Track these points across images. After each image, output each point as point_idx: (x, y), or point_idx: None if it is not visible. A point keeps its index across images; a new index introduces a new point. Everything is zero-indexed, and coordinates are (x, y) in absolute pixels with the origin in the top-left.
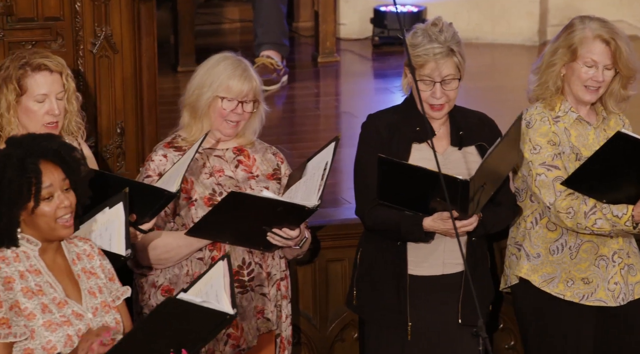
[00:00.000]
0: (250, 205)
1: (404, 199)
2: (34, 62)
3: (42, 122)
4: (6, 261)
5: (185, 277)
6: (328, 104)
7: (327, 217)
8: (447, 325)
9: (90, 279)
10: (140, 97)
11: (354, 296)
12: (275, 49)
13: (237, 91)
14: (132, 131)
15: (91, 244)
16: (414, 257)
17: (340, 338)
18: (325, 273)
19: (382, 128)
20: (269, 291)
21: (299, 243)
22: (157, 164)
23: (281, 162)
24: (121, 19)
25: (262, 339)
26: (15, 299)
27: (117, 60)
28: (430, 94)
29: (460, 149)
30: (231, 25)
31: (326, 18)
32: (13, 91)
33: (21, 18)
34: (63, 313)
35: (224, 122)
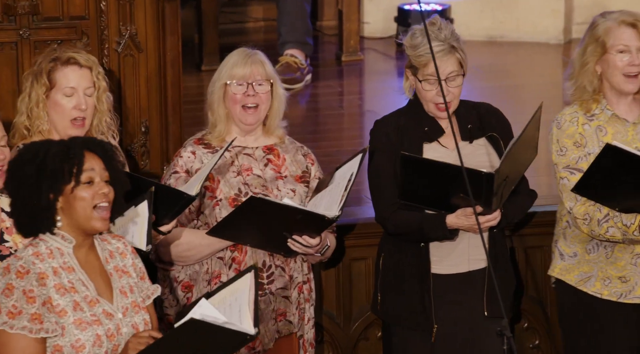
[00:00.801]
0: (270, 211)
1: (426, 197)
2: (63, 56)
3: (69, 117)
4: (40, 257)
5: (205, 275)
6: (352, 103)
7: (351, 216)
8: (473, 321)
9: (122, 278)
10: (164, 96)
11: (379, 301)
12: (299, 48)
13: (241, 74)
14: (156, 129)
15: (124, 242)
16: (438, 257)
17: (364, 336)
18: (349, 271)
19: (391, 132)
20: (291, 293)
21: (321, 251)
22: (185, 160)
23: (312, 164)
24: (146, 18)
25: (282, 341)
26: (48, 295)
27: (141, 59)
28: (435, 93)
29: (471, 142)
30: (255, 24)
31: (350, 17)
32: (43, 85)
33: (47, 17)
34: (94, 311)
35: (242, 109)
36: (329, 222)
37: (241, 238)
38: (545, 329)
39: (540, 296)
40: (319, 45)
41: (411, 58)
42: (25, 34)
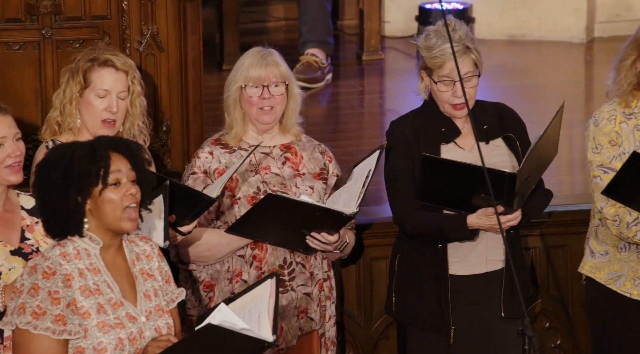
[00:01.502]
0: (288, 208)
1: (445, 197)
2: (101, 57)
3: (100, 118)
4: (67, 257)
5: (226, 273)
6: (372, 102)
7: (371, 215)
8: (490, 322)
9: (147, 281)
10: (185, 95)
11: (393, 302)
12: (320, 47)
13: (257, 76)
14: (177, 129)
15: (152, 244)
16: (455, 257)
17: (384, 336)
18: (370, 271)
19: (408, 132)
20: (312, 290)
21: (339, 247)
22: (202, 161)
23: (329, 162)
24: (167, 18)
25: (304, 339)
26: (73, 297)
27: (162, 58)
28: (451, 93)
29: (487, 143)
30: (276, 24)
31: (371, 16)
32: (78, 83)
33: (69, 17)
34: (117, 314)
35: (258, 111)
36: (347, 219)
37: (260, 236)
38: (567, 329)
39: (562, 295)
40: (339, 45)
41: (426, 59)
42: (48, 34)
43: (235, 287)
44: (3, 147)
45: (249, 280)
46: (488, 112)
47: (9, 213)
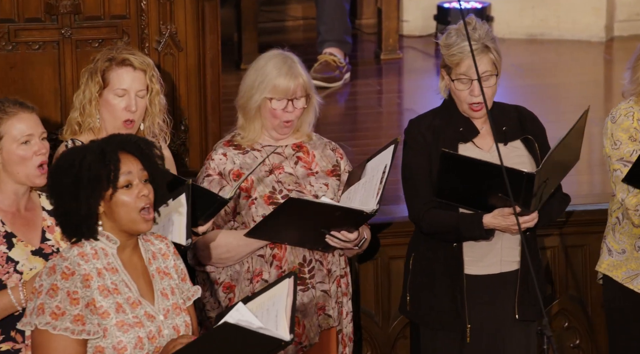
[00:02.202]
0: (308, 210)
1: (462, 195)
2: (119, 57)
3: (120, 118)
4: (85, 257)
5: (246, 273)
6: (390, 101)
7: (389, 215)
8: (504, 322)
9: (163, 280)
10: (203, 95)
11: (407, 302)
12: (338, 46)
13: (284, 90)
14: (195, 128)
15: (167, 243)
16: (470, 257)
17: (402, 335)
18: (387, 270)
19: (426, 131)
20: (330, 287)
21: (358, 244)
22: (217, 163)
23: (340, 158)
24: (186, 17)
25: (323, 335)
26: (92, 297)
27: (181, 58)
28: (468, 92)
29: (505, 144)
30: (294, 23)
31: (389, 15)
32: (97, 83)
33: (88, 16)
34: (136, 313)
35: (278, 122)
36: (367, 217)
37: (279, 237)
38: (585, 329)
39: (581, 295)
40: (357, 44)
41: (445, 57)
42: (67, 33)
43: (255, 287)
44: (29, 144)
45: (270, 280)
46: (508, 114)
47: (30, 213)
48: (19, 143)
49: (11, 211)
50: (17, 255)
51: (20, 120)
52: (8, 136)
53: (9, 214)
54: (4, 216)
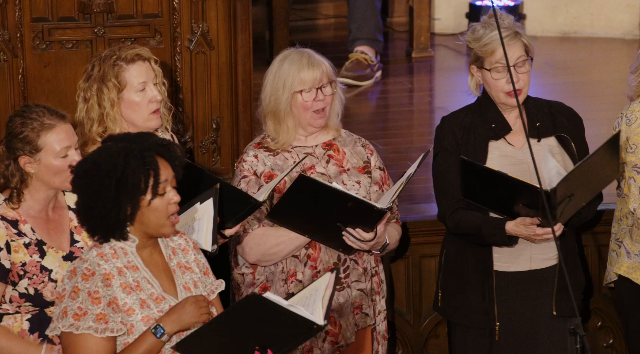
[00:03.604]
0: (320, 193)
1: (488, 199)
2: (127, 55)
3: (147, 111)
4: (105, 257)
5: (281, 274)
6: (422, 100)
7: (420, 213)
8: (537, 320)
9: (185, 274)
10: (235, 93)
11: (439, 298)
12: (369, 45)
13: (311, 79)
14: (227, 126)
15: (186, 238)
16: (501, 254)
17: (434, 334)
18: (419, 268)
19: (457, 129)
20: (366, 286)
21: (378, 248)
22: (249, 164)
23: (371, 154)
24: (217, 16)
25: (359, 334)
26: (114, 295)
27: (213, 56)
28: (505, 80)
29: (539, 141)
30: (325, 21)
31: (421, 13)
32: (114, 87)
33: (121, 15)
34: (160, 308)
35: (311, 114)
36: (378, 214)
37: (299, 226)
38: (619, 328)
39: (614, 294)
40: (389, 42)
41: (476, 50)
42: (100, 32)
43: (290, 287)
44: (68, 157)
45: (304, 280)
46: (542, 109)
47: (57, 215)
48: (60, 156)
49: (41, 217)
50: (50, 263)
51: (59, 133)
52: (48, 148)
53: (39, 220)
54: (34, 223)
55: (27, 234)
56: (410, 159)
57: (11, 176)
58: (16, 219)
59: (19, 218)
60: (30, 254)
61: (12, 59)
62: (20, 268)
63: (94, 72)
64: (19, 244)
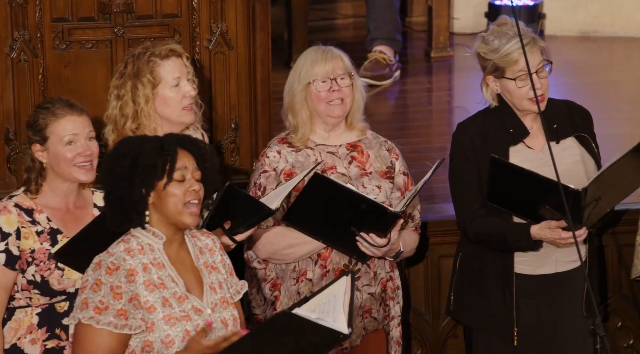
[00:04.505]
0: (334, 194)
1: (513, 203)
2: (161, 51)
3: (180, 106)
4: (131, 253)
5: (292, 272)
6: (441, 99)
7: (439, 213)
8: (562, 322)
9: (211, 274)
10: (254, 93)
11: (451, 301)
12: (388, 44)
13: (324, 71)
14: (246, 126)
15: (213, 238)
16: (525, 257)
17: (452, 334)
18: (438, 268)
19: (474, 135)
20: (375, 290)
21: (392, 255)
22: (271, 159)
23: (396, 159)
24: (236, 15)
25: (369, 337)
26: (136, 292)
27: (232, 56)
28: (529, 87)
29: (557, 142)
30: (344, 21)
31: (440, 12)
32: (148, 83)
33: (140, 15)
34: (183, 307)
35: (327, 105)
36: (392, 217)
37: (313, 229)
38: (639, 328)
39: (634, 294)
40: (407, 42)
41: (495, 61)
42: (120, 32)
43: (300, 286)
44: (75, 145)
45: (314, 279)
46: (558, 110)
47: (80, 211)
48: (64, 143)
49: (60, 208)
50: None
51: (67, 121)
52: (54, 136)
53: (57, 211)
54: (51, 214)
55: (41, 222)
56: (429, 159)
57: (31, 167)
58: (32, 208)
59: (35, 207)
60: (40, 241)
61: (33, 59)
62: (29, 254)
63: (127, 70)
64: (30, 231)
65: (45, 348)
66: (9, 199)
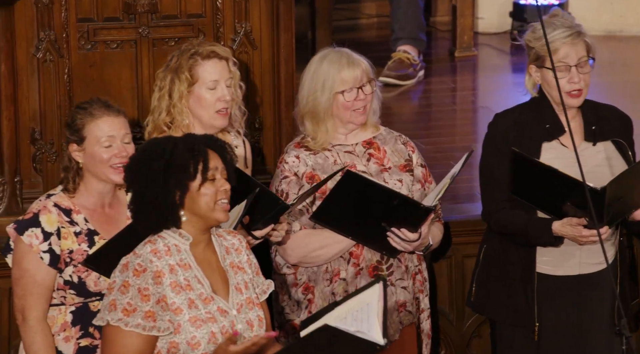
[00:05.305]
0: (366, 191)
1: (536, 197)
2: (204, 51)
3: (214, 109)
4: (158, 254)
5: (325, 274)
6: (465, 99)
7: (463, 213)
8: (588, 323)
9: (237, 275)
10: (277, 93)
11: (472, 293)
12: (412, 44)
13: (352, 79)
14: (269, 126)
15: (239, 238)
16: (548, 257)
17: (477, 334)
18: (461, 268)
19: (510, 128)
20: (408, 284)
21: (422, 249)
22: (290, 165)
23: (412, 152)
24: (260, 15)
25: (405, 331)
26: (163, 293)
27: (255, 55)
28: (567, 80)
29: (594, 144)
30: (368, 21)
31: (464, 12)
32: (185, 80)
33: (165, 15)
34: (208, 309)
35: (352, 113)
36: (424, 212)
37: (343, 226)
38: None
39: None
40: (432, 41)
41: (538, 49)
42: (145, 32)
43: (334, 287)
44: (111, 147)
45: (347, 278)
46: (598, 112)
47: (114, 211)
48: (101, 144)
49: (95, 209)
50: None
51: (104, 122)
52: (91, 137)
53: (94, 212)
54: (88, 214)
55: (79, 223)
56: (453, 159)
57: (69, 167)
58: (70, 208)
59: (73, 208)
60: (78, 242)
61: (58, 59)
62: (68, 255)
63: (171, 63)
64: (69, 231)
65: (78, 346)
66: (47, 198)
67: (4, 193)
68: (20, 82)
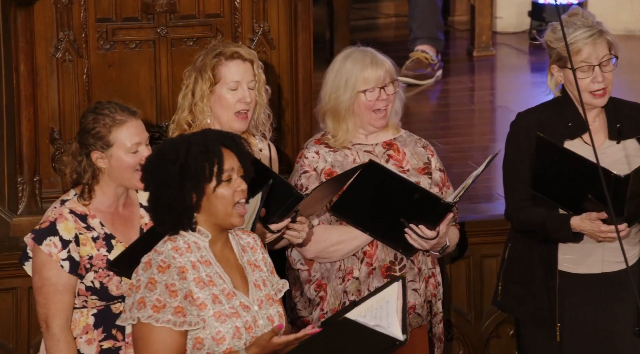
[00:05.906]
0: (387, 183)
1: (556, 191)
2: (227, 51)
3: (234, 110)
4: (179, 251)
5: (338, 272)
6: (483, 98)
7: (481, 213)
8: (611, 322)
9: (254, 272)
10: (295, 92)
11: (499, 292)
12: (430, 44)
13: (375, 79)
14: (287, 125)
15: (254, 237)
16: (568, 255)
17: (495, 334)
18: (480, 268)
19: (532, 127)
20: (420, 286)
21: (438, 249)
22: (310, 160)
23: (431, 156)
24: (278, 15)
25: (414, 333)
26: (189, 288)
27: (273, 55)
28: (590, 80)
29: (618, 142)
30: (386, 20)
31: (482, 11)
32: (207, 80)
33: (183, 15)
34: (232, 304)
35: (373, 114)
36: (445, 208)
37: (361, 220)
38: None
39: None
40: (450, 41)
41: (560, 50)
42: (163, 32)
43: (347, 285)
44: (138, 153)
45: (360, 277)
46: (623, 110)
47: (128, 211)
48: (128, 151)
49: (110, 212)
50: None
51: (130, 128)
52: (119, 144)
53: (108, 214)
54: (103, 218)
55: (96, 228)
56: (472, 159)
57: (84, 172)
58: (85, 213)
59: (88, 213)
60: (97, 248)
61: (77, 59)
62: (88, 261)
63: (197, 62)
64: (87, 237)
65: (101, 348)
66: (62, 204)
67: (23, 193)
68: (39, 82)
